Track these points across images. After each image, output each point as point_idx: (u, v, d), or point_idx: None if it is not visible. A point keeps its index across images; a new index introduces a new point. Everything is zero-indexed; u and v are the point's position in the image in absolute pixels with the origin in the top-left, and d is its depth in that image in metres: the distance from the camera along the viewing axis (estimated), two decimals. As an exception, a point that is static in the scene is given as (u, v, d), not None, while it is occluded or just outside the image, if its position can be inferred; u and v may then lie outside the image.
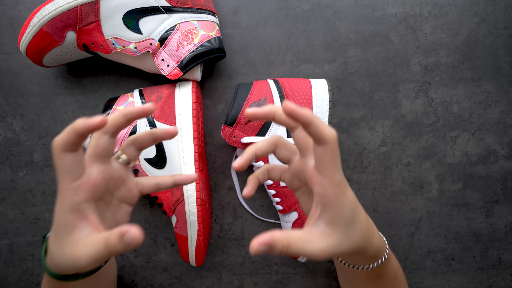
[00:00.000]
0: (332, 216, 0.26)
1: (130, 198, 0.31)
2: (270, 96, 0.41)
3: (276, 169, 0.34)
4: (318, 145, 0.25)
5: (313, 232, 0.26)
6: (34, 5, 0.47)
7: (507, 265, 0.48)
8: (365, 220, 0.29)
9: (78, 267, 0.24)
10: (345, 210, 0.26)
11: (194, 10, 0.41)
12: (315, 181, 0.26)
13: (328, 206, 0.26)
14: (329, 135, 0.24)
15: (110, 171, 0.29)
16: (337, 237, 0.26)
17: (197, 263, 0.43)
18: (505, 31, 0.47)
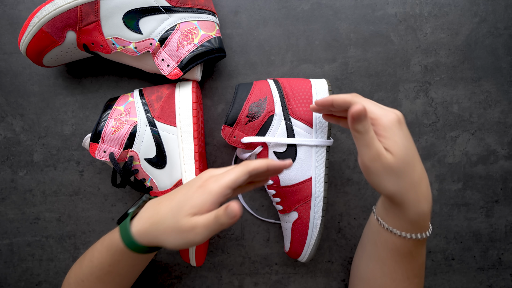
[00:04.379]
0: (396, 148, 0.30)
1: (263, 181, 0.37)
2: (270, 96, 0.41)
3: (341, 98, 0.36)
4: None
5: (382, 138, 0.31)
6: (34, 5, 0.47)
7: (507, 265, 0.48)
8: (417, 178, 0.31)
9: (190, 237, 0.29)
10: (407, 145, 0.30)
11: (194, 10, 0.41)
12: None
13: (392, 143, 0.30)
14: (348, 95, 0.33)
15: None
16: (389, 162, 0.30)
17: (197, 263, 0.43)
18: (505, 31, 0.47)
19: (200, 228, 0.28)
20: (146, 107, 0.41)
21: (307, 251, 0.42)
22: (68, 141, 0.48)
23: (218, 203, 0.30)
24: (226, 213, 0.27)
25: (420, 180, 0.31)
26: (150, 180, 0.41)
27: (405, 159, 0.30)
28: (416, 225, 0.31)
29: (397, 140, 0.30)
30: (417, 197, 0.30)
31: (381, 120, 0.30)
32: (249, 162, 0.31)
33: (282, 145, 0.41)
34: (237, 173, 0.30)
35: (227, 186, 0.30)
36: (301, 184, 0.41)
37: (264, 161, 0.31)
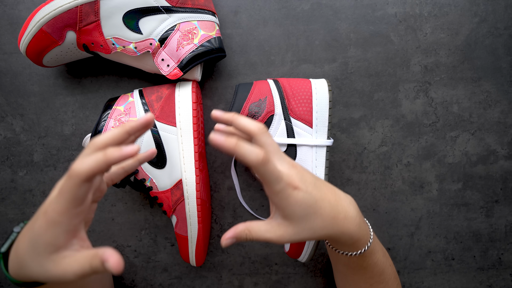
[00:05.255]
0: (282, 213, 0.29)
1: (99, 197, 0.32)
2: (270, 96, 0.41)
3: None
4: (252, 139, 0.28)
5: (272, 223, 0.30)
6: (34, 5, 0.47)
7: (507, 265, 0.48)
8: (329, 212, 0.30)
9: (64, 281, 0.25)
10: (293, 209, 0.29)
11: (194, 10, 0.41)
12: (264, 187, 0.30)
13: (277, 206, 0.29)
14: (251, 162, 0.26)
15: (99, 183, 0.30)
16: (293, 228, 0.29)
17: (197, 263, 0.43)
18: (505, 31, 0.47)
19: (72, 276, 0.24)
20: (146, 107, 0.41)
21: (307, 251, 0.42)
22: (68, 141, 0.48)
23: (73, 229, 0.25)
24: (103, 266, 0.23)
25: (336, 205, 0.31)
26: (150, 180, 0.41)
27: (313, 190, 0.30)
28: (352, 246, 0.33)
29: (288, 171, 0.29)
30: (341, 225, 0.31)
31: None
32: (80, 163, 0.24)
33: (282, 145, 0.41)
34: (70, 185, 0.24)
35: (67, 208, 0.24)
36: (301, 184, 0.41)
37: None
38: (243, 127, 0.30)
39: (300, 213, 0.29)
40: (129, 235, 0.48)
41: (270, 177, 0.27)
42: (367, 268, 0.35)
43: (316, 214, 0.29)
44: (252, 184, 0.48)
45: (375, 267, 0.35)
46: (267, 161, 0.26)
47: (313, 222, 0.29)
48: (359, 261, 0.34)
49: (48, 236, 0.24)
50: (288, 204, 0.28)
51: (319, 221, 0.29)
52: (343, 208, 0.31)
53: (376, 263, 0.35)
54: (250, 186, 0.48)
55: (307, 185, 0.29)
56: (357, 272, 0.35)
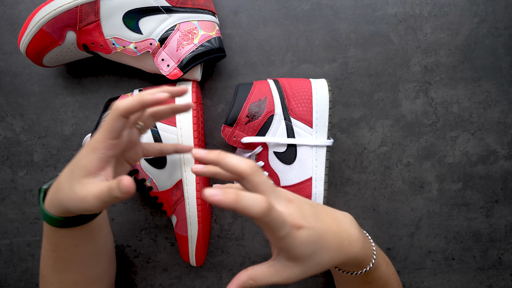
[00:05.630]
0: (288, 256, 0.27)
1: (133, 160, 0.35)
2: (270, 96, 0.41)
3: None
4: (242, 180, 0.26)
5: (275, 265, 0.28)
6: (34, 5, 0.47)
7: (507, 265, 0.48)
8: (334, 243, 0.29)
9: (84, 205, 0.27)
10: (299, 250, 0.27)
11: (194, 10, 0.41)
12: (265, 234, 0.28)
13: (281, 250, 0.27)
14: (255, 215, 0.24)
15: (131, 135, 0.33)
16: (299, 268, 0.28)
17: (197, 263, 0.43)
18: (505, 31, 0.47)
19: (92, 199, 0.27)
20: (146, 107, 0.41)
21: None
22: (68, 141, 0.48)
23: (105, 159, 0.28)
24: (118, 187, 0.25)
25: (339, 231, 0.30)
26: (150, 180, 0.41)
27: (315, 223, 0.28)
28: (358, 266, 0.32)
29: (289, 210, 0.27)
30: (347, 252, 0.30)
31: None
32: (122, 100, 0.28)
33: (282, 145, 0.41)
34: (110, 117, 0.28)
35: (105, 137, 0.28)
36: (301, 184, 0.41)
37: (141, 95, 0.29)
38: (232, 168, 0.26)
39: (306, 252, 0.27)
40: (129, 235, 0.48)
41: (274, 224, 0.25)
42: (372, 283, 0.35)
43: (322, 249, 0.28)
44: (252, 184, 0.48)
45: (379, 281, 0.35)
46: (270, 208, 0.24)
47: (320, 257, 0.28)
48: (364, 278, 0.34)
49: (84, 160, 0.28)
50: (294, 246, 0.26)
51: (325, 255, 0.28)
52: (346, 233, 0.30)
53: (380, 276, 0.35)
54: (250, 186, 0.48)
55: (309, 220, 0.28)
56: (362, 286, 0.35)
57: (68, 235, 0.32)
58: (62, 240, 0.33)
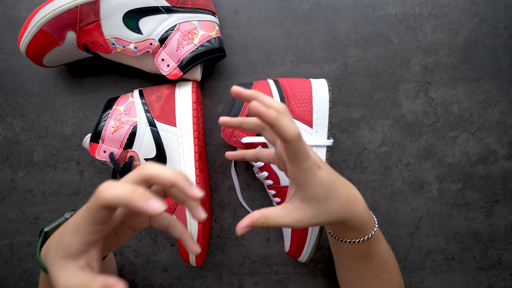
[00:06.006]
0: (304, 195, 0.29)
1: (138, 227, 0.31)
2: (270, 96, 0.41)
3: (265, 151, 0.37)
4: (282, 143, 0.27)
5: (288, 207, 0.29)
6: (34, 5, 0.47)
7: (507, 265, 0.48)
8: (344, 194, 0.30)
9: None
10: (316, 189, 0.28)
11: (194, 10, 0.41)
12: (287, 167, 0.29)
13: (300, 187, 0.28)
14: (289, 136, 0.25)
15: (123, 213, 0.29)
16: (311, 211, 0.29)
17: (197, 263, 0.43)
18: (505, 31, 0.47)
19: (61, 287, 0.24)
20: (146, 107, 0.41)
21: (307, 251, 0.42)
22: (68, 141, 0.48)
23: (88, 243, 0.25)
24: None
25: (348, 187, 0.31)
26: (150, 180, 0.41)
27: (330, 171, 0.30)
28: (361, 230, 0.33)
29: (312, 153, 0.29)
30: (353, 208, 0.31)
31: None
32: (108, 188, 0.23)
33: (282, 145, 0.41)
34: (91, 205, 0.24)
35: (87, 222, 0.24)
36: (301, 184, 0.41)
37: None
38: (268, 105, 0.28)
39: (321, 194, 0.28)
40: (129, 235, 0.48)
41: (301, 153, 0.27)
42: (373, 256, 0.35)
43: (334, 196, 0.29)
44: (252, 184, 0.48)
45: (380, 255, 0.35)
46: (301, 137, 0.26)
47: (331, 204, 0.29)
48: (366, 249, 0.34)
49: (67, 239, 0.25)
50: (312, 184, 0.28)
51: (335, 203, 0.29)
52: (352, 190, 0.32)
53: (381, 250, 0.35)
54: (250, 186, 0.48)
55: (325, 167, 0.30)
56: (362, 262, 0.35)
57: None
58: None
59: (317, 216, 0.29)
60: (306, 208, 0.29)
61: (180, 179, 0.25)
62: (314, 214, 0.29)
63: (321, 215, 0.29)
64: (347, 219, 0.31)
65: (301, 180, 0.28)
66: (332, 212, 0.29)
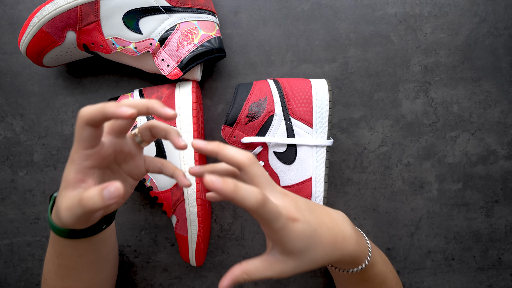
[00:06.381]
0: (282, 249, 0.27)
1: (136, 174, 0.33)
2: (270, 96, 0.41)
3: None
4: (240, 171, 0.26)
5: (269, 260, 0.28)
6: (34, 5, 0.47)
7: (507, 265, 0.48)
8: (328, 239, 0.29)
9: (60, 218, 0.26)
10: (294, 244, 0.27)
11: (194, 10, 0.41)
12: (261, 226, 0.27)
13: (276, 243, 0.27)
14: (252, 206, 0.24)
15: (122, 145, 0.31)
16: (293, 262, 0.28)
17: (197, 263, 0.43)
18: (505, 31, 0.47)
19: (64, 212, 0.26)
20: (146, 107, 0.41)
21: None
22: (68, 141, 0.48)
23: (83, 171, 0.27)
24: (99, 194, 0.23)
25: (333, 227, 0.30)
26: (150, 180, 0.41)
27: (309, 217, 0.28)
28: (353, 264, 0.32)
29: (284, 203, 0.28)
30: (341, 248, 0.30)
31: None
32: (86, 107, 0.26)
33: (282, 145, 0.41)
34: (76, 126, 0.26)
35: (77, 147, 0.26)
36: (301, 184, 0.41)
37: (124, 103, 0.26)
38: (230, 159, 0.27)
39: (300, 246, 0.27)
40: (129, 235, 0.48)
41: (269, 216, 0.25)
42: (369, 280, 0.35)
43: (316, 244, 0.28)
44: (252, 184, 0.48)
45: (376, 278, 0.35)
46: (266, 201, 0.24)
47: (314, 253, 0.28)
48: (361, 275, 0.34)
49: (65, 172, 0.27)
50: (289, 240, 0.27)
51: (319, 250, 0.28)
52: (339, 229, 0.31)
53: (377, 274, 0.35)
54: (250, 186, 0.48)
55: (304, 214, 0.28)
56: (360, 284, 0.35)
57: (72, 245, 0.32)
58: (66, 249, 0.32)
59: (301, 266, 0.28)
60: (287, 260, 0.28)
61: (152, 102, 0.27)
62: (297, 265, 0.28)
63: (305, 265, 0.28)
64: (335, 260, 0.30)
65: (275, 238, 0.27)
66: (317, 259, 0.28)
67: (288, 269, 0.28)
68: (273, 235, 0.27)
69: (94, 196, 0.23)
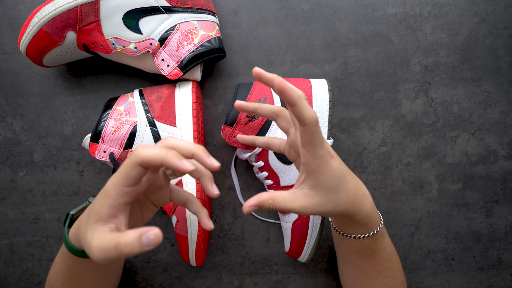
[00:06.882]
0: (314, 182, 0.29)
1: (160, 203, 0.33)
2: (270, 96, 0.41)
3: (276, 140, 0.37)
4: (299, 125, 0.27)
5: (297, 193, 0.29)
6: (34, 5, 0.47)
7: (507, 265, 0.48)
8: (353, 187, 0.30)
9: (89, 254, 0.25)
10: (327, 178, 0.28)
11: (194, 10, 0.41)
12: (301, 153, 0.29)
13: (311, 174, 0.28)
14: (308, 118, 0.26)
15: (154, 179, 0.31)
16: (319, 199, 0.29)
17: (197, 263, 0.43)
18: (505, 31, 0.47)
19: (96, 251, 0.24)
20: (146, 107, 0.41)
21: (307, 251, 0.42)
22: (68, 141, 0.48)
23: (117, 207, 0.26)
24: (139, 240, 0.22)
25: (356, 181, 0.32)
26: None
27: (342, 163, 0.30)
28: (367, 226, 0.33)
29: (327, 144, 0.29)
30: (360, 202, 0.31)
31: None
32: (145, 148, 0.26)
33: (282, 145, 0.41)
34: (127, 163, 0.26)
35: (118, 183, 0.26)
36: (301, 184, 0.41)
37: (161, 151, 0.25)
38: (286, 91, 0.26)
39: (331, 183, 0.29)
40: (129, 235, 0.48)
41: (316, 138, 0.27)
42: (378, 253, 0.35)
43: (343, 187, 0.29)
44: (252, 184, 0.48)
45: (384, 252, 0.35)
46: (318, 122, 0.26)
47: (339, 195, 0.29)
48: (371, 245, 0.34)
49: (97, 204, 0.27)
50: (324, 172, 0.28)
51: (344, 194, 0.29)
52: (361, 186, 0.32)
53: (385, 247, 0.35)
54: (250, 186, 0.48)
55: (337, 157, 0.30)
56: (366, 258, 0.35)
57: (85, 262, 0.33)
58: (79, 265, 0.33)
59: (324, 205, 0.29)
60: (314, 195, 0.29)
61: (199, 150, 0.27)
62: (321, 203, 0.29)
63: (328, 204, 0.29)
64: (353, 212, 0.31)
65: (313, 166, 0.28)
66: (339, 203, 0.30)
67: (312, 205, 0.29)
68: (312, 162, 0.28)
69: (132, 243, 0.22)
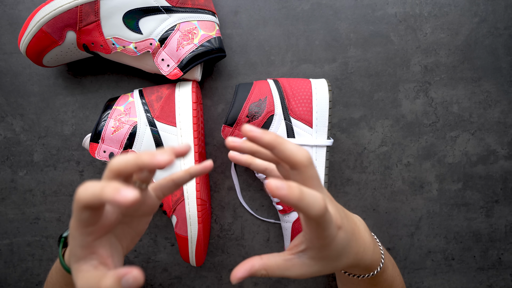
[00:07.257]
0: (316, 255, 0.26)
1: (150, 211, 0.30)
2: (270, 96, 0.41)
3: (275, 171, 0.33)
4: (292, 170, 0.24)
5: (293, 261, 0.27)
6: (34, 5, 0.47)
7: (507, 265, 0.48)
8: (354, 249, 0.28)
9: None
10: (330, 252, 0.26)
11: (194, 10, 0.41)
12: (305, 231, 0.25)
13: (313, 249, 0.26)
14: (316, 213, 0.22)
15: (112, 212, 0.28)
16: (318, 268, 0.27)
17: (197, 263, 0.43)
18: (505, 31, 0.47)
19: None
20: (146, 107, 0.41)
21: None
22: (68, 141, 0.48)
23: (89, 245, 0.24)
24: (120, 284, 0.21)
25: (358, 239, 0.30)
26: (150, 180, 0.41)
27: (348, 226, 0.28)
28: (365, 271, 0.32)
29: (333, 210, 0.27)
30: (359, 259, 0.30)
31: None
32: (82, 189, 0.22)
33: (282, 145, 0.41)
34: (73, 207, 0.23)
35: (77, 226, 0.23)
36: (301, 184, 0.41)
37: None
38: (289, 156, 0.23)
39: (334, 255, 0.26)
40: (129, 235, 0.48)
41: (326, 225, 0.23)
42: (377, 285, 0.35)
43: (345, 254, 0.27)
44: (252, 184, 0.48)
45: (384, 283, 0.35)
46: (327, 209, 0.22)
47: (340, 261, 0.27)
48: (370, 280, 0.34)
49: (71, 244, 0.25)
50: (330, 248, 0.25)
51: (344, 259, 0.28)
52: (362, 240, 0.30)
53: (386, 279, 0.35)
54: (250, 186, 0.48)
55: (344, 222, 0.27)
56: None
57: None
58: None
59: (323, 271, 0.27)
60: (313, 265, 0.27)
61: (142, 159, 0.22)
62: (320, 270, 0.27)
63: (327, 270, 0.27)
64: (354, 266, 0.30)
65: (317, 245, 0.25)
66: (339, 266, 0.28)
67: (309, 273, 0.27)
68: (319, 241, 0.25)
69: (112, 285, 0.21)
